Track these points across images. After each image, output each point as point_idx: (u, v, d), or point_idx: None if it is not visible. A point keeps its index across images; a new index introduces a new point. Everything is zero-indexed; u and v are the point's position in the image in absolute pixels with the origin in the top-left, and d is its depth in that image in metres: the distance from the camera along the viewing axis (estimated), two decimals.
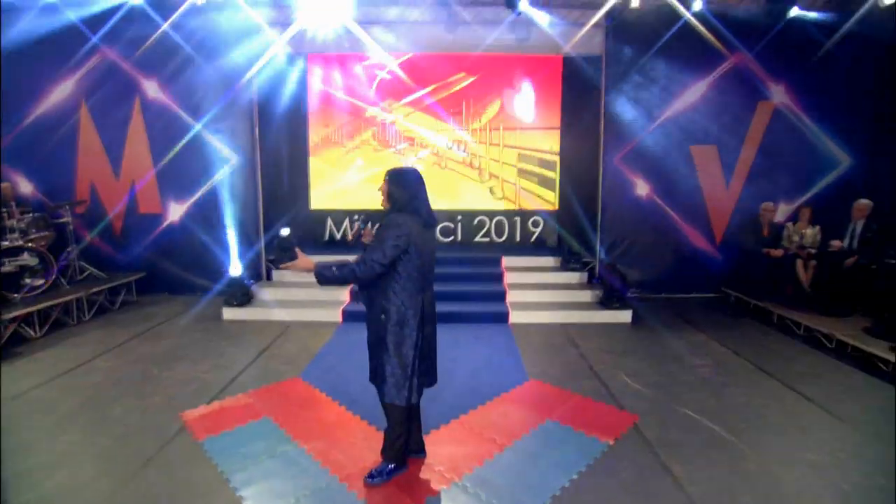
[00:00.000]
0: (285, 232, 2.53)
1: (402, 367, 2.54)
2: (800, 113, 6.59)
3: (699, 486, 2.74)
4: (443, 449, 3.09)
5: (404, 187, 2.55)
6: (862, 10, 5.97)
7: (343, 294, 6.21)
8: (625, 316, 6.00)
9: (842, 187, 6.56)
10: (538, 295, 6.42)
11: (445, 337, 3.57)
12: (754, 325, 5.91)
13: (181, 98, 6.47)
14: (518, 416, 3.59)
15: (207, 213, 6.68)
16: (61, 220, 6.07)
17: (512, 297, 6.31)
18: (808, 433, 3.37)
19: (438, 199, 7.73)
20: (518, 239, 8.01)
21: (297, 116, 7.49)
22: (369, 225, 2.89)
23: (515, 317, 5.95)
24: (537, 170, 7.92)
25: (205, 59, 6.33)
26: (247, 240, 6.71)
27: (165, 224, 6.75)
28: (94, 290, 5.87)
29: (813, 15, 6.27)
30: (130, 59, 6.35)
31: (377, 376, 2.63)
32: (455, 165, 7.89)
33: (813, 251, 6.09)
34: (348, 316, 5.81)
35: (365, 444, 3.16)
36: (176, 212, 6.73)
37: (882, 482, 2.77)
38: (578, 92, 7.41)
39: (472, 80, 7.66)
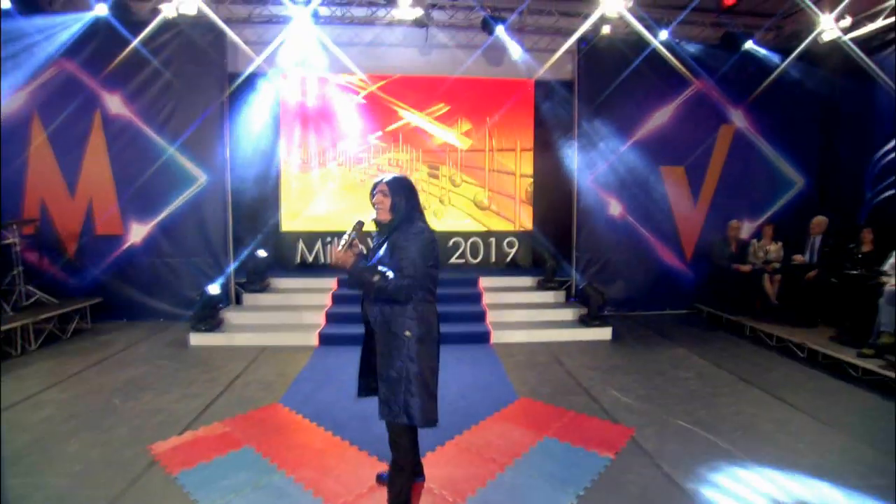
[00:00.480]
0: (354, 226, 2.29)
1: (429, 384, 2.30)
2: (757, 136, 6.99)
3: (706, 496, 2.69)
4: (441, 471, 2.93)
5: (408, 196, 2.34)
6: (802, 46, 6.44)
7: (318, 317, 5.97)
8: (605, 333, 6.02)
9: (799, 205, 6.95)
10: (518, 315, 6.38)
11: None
12: (729, 338, 6.05)
13: (147, 114, 6.21)
14: (514, 434, 3.47)
15: (174, 234, 6.35)
16: (6, 242, 5.59)
17: (492, 317, 6.24)
18: (799, 438, 3.40)
19: None
20: (493, 260, 8.00)
21: (268, 136, 7.31)
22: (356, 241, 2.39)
23: (497, 336, 5.86)
24: (512, 191, 8.01)
25: (174, 74, 6.12)
26: (216, 262, 6.39)
27: (126, 246, 6.35)
28: (42, 316, 5.39)
29: (763, 50, 6.73)
30: (91, 72, 6.04)
31: (395, 399, 2.25)
32: (428, 186, 7.86)
33: (777, 266, 6.36)
34: (324, 339, 5.57)
35: (358, 469, 2.95)
36: (139, 233, 6.36)
37: (879, 482, 2.81)
38: (551, 115, 7.60)
39: (445, 107, 7.73)
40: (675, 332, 6.28)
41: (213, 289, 5.76)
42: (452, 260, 7.92)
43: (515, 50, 6.87)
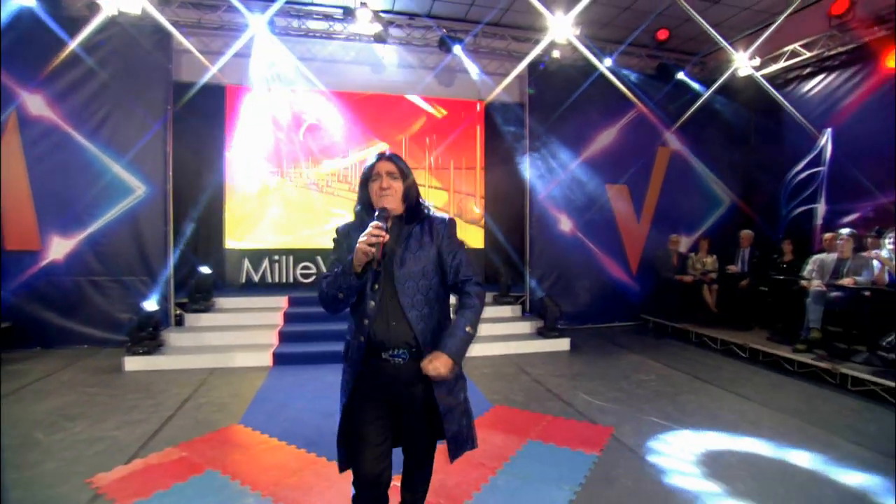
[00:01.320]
0: (380, 216, 1.59)
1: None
2: (690, 158, 7.61)
3: (693, 483, 2.76)
4: (432, 480, 2.77)
5: (413, 177, 1.78)
6: (720, 81, 7.19)
7: (270, 336, 5.60)
8: (563, 344, 6.14)
9: (728, 221, 7.59)
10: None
11: None
12: (677, 344, 6.39)
13: (77, 118, 5.65)
14: (497, 439, 3.38)
15: (104, 249, 5.74)
16: None
17: None
18: (759, 426, 3.61)
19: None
20: None
21: (214, 149, 6.93)
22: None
23: None
24: (464, 209, 8.10)
25: (111, 76, 5.66)
26: (153, 281, 5.84)
27: (45, 263, 5.63)
28: None
29: (692, 81, 7.44)
30: (9, 68, 5.42)
31: (466, 431, 1.76)
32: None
33: (714, 276, 6.87)
34: (280, 359, 5.21)
35: (341, 485, 2.72)
36: (60, 248, 5.67)
37: (820, 447, 3.03)
38: (503, 134, 7.84)
39: (397, 120, 7.75)
40: (628, 342, 6.54)
41: (150, 305, 5.24)
42: None
43: (473, 69, 7.08)
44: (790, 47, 6.54)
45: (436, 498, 2.59)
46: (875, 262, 4.70)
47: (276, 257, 7.16)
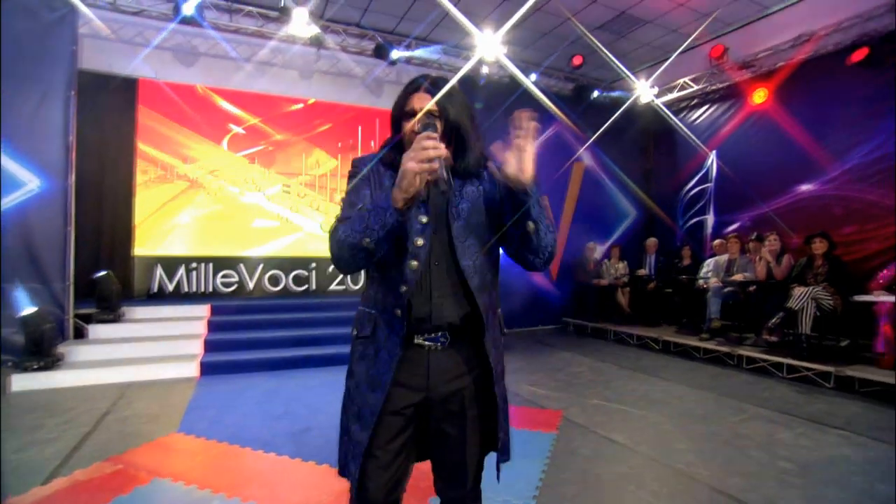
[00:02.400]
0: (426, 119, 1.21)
1: None
2: (601, 173, 8.40)
3: (640, 444, 3.04)
4: None
5: (470, 112, 1.34)
6: (624, 106, 8.11)
7: (194, 346, 5.14)
8: None
9: (635, 230, 8.44)
10: None
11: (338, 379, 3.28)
12: (598, 342, 6.91)
13: None
14: None
15: None
16: None
17: None
18: (684, 400, 4.06)
19: (291, 246, 7.24)
20: (361, 298, 7.90)
21: (124, 147, 6.29)
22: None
23: None
24: None
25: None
26: (47, 289, 5.10)
27: None
28: None
29: (604, 103, 8.28)
30: None
31: (508, 428, 1.36)
32: (309, 210, 7.52)
33: (625, 280, 7.57)
34: (207, 368, 4.79)
35: (312, 479, 2.61)
36: None
37: (745, 416, 3.50)
38: None
39: (325, 127, 7.61)
40: (554, 341, 6.95)
41: (29, 311, 4.51)
42: (332, 287, 7.60)
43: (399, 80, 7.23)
44: (681, 80, 7.56)
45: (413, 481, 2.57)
46: (759, 259, 5.53)
47: (194, 265, 6.60)
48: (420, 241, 1.21)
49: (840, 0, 5.68)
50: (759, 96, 6.50)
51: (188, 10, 5.19)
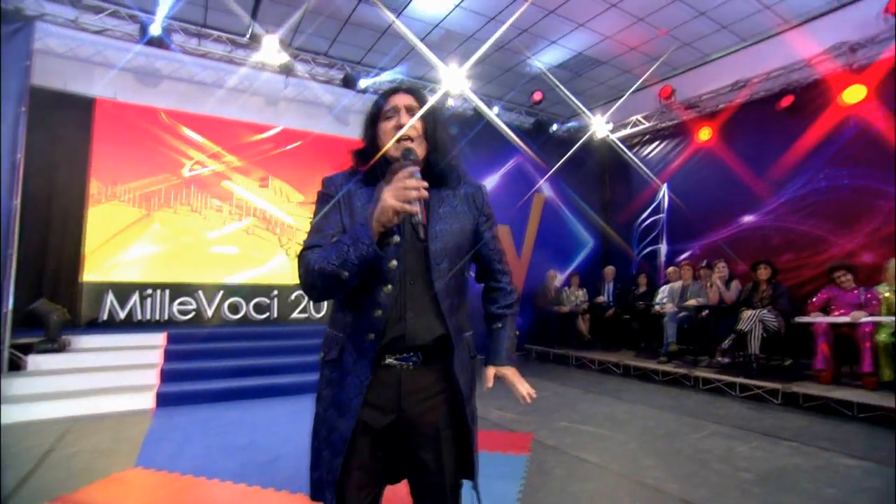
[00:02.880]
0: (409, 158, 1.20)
1: None
2: (561, 204, 8.74)
3: (611, 462, 3.12)
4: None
5: (443, 121, 1.37)
6: (582, 140, 8.57)
7: (149, 377, 4.87)
8: None
9: (593, 259, 8.77)
10: None
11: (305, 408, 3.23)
12: (560, 367, 7.05)
13: None
14: None
15: None
16: None
17: None
18: (647, 420, 4.21)
19: (252, 272, 7.06)
20: (328, 321, 7.78)
21: (76, 168, 6.03)
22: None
23: None
24: None
25: None
26: None
27: None
28: None
29: (564, 132, 8.71)
30: None
31: (470, 453, 1.33)
32: (269, 237, 7.37)
33: (585, 307, 7.82)
34: (165, 399, 4.55)
35: None
36: None
37: (706, 433, 3.67)
38: None
39: (292, 151, 7.58)
40: (518, 368, 7.01)
41: None
42: (295, 314, 7.43)
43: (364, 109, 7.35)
44: (634, 117, 8.09)
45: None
46: (710, 285, 5.87)
47: (149, 291, 6.30)
48: (394, 263, 1.21)
49: (768, 52, 6.33)
50: (705, 134, 7.05)
51: (155, 30, 5.13)
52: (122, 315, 6.15)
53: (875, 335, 4.35)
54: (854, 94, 5.45)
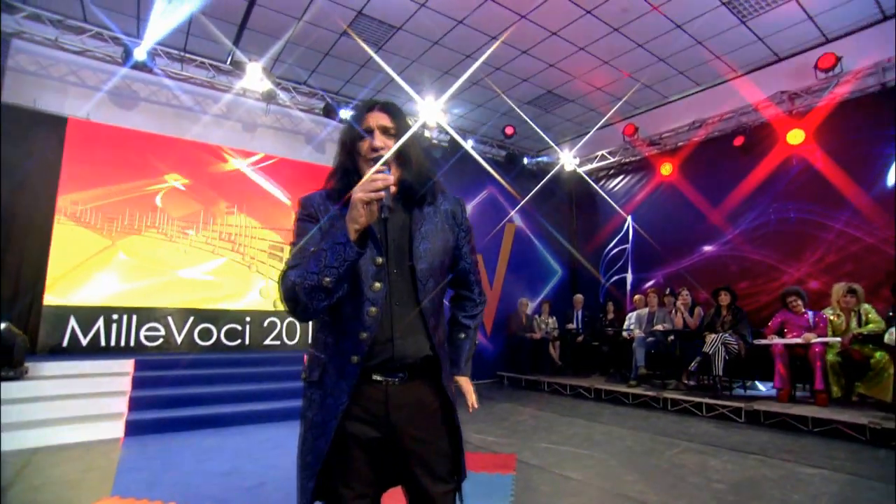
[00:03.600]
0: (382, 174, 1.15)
1: None
2: (531, 234, 9.05)
3: (593, 479, 3.24)
4: None
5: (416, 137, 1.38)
6: (551, 173, 8.99)
7: (117, 404, 4.67)
8: None
9: (562, 287, 9.05)
10: None
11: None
12: (533, 393, 7.16)
13: None
14: None
15: None
16: None
17: None
18: (623, 439, 4.35)
19: (224, 298, 6.94)
20: (310, 341, 7.70)
21: (44, 189, 5.84)
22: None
23: None
24: None
25: None
26: None
27: None
28: None
29: (534, 165, 9.09)
30: None
31: (460, 460, 1.35)
32: (241, 263, 7.28)
33: (556, 334, 8.03)
34: (135, 428, 4.36)
35: None
36: None
37: (679, 449, 3.85)
38: None
39: (265, 178, 7.61)
40: (493, 394, 7.10)
41: None
42: (267, 342, 7.30)
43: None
44: (600, 152, 8.57)
45: None
46: (675, 311, 6.20)
47: (115, 317, 6.07)
48: (378, 286, 1.22)
49: (722, 96, 6.93)
50: (666, 169, 7.55)
51: (140, 54, 5.15)
52: (86, 341, 5.88)
53: (825, 355, 4.71)
54: (796, 136, 6.03)
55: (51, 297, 5.82)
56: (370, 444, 1.25)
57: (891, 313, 4.68)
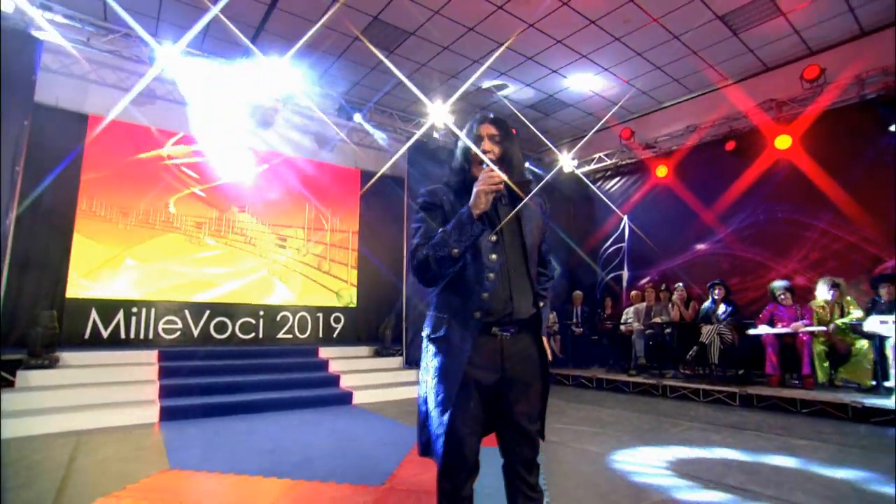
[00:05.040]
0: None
1: None
2: None
3: (609, 451, 3.57)
4: (420, 476, 2.99)
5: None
6: (551, 174, 9.34)
7: (147, 393, 4.85)
8: None
9: (562, 284, 9.39)
10: (370, 378, 6.48)
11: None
12: None
13: None
14: None
15: None
16: None
17: (345, 381, 6.19)
18: (631, 421, 4.70)
19: (242, 293, 7.13)
20: (321, 334, 7.94)
21: (67, 183, 5.98)
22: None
23: (358, 398, 5.86)
24: (337, 269, 8.32)
25: None
26: None
27: None
28: None
29: (536, 169, 9.42)
30: None
31: (546, 403, 1.67)
32: (257, 259, 7.48)
33: (556, 328, 8.37)
34: (170, 413, 4.55)
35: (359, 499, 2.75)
36: None
37: (680, 429, 4.21)
38: (380, 201, 8.54)
39: (272, 175, 7.81)
40: None
41: None
42: (280, 335, 7.50)
43: (379, 136, 7.78)
44: (597, 154, 8.95)
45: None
46: (672, 305, 6.59)
47: (135, 310, 6.23)
48: (494, 257, 1.54)
49: (714, 102, 7.36)
50: (661, 171, 7.95)
51: (169, 56, 5.34)
52: (106, 333, 6.04)
53: (811, 344, 5.13)
54: (783, 142, 6.47)
55: (73, 291, 5.96)
56: (486, 388, 1.54)
57: (869, 304, 5.12)
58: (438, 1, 5.80)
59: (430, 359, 1.60)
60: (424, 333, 1.65)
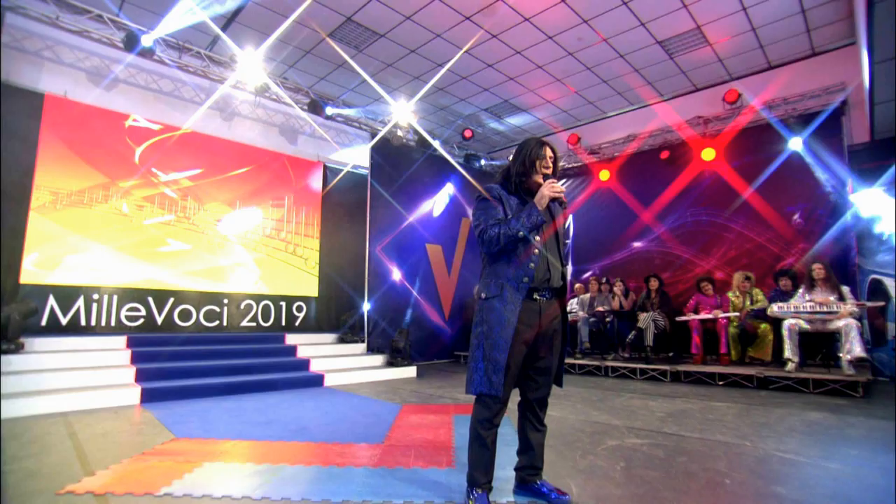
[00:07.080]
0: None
1: None
2: None
3: (570, 415, 4.17)
4: (413, 436, 3.40)
5: None
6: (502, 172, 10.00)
7: (123, 376, 4.89)
8: (412, 371, 7.11)
9: None
10: (338, 363, 6.78)
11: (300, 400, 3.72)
12: None
13: None
14: (431, 417, 4.12)
15: None
16: None
17: (315, 365, 6.45)
18: (581, 394, 5.36)
19: (204, 281, 7.14)
20: (284, 323, 8.08)
21: (19, 165, 5.76)
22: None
23: (329, 380, 6.14)
24: (298, 258, 8.47)
25: None
26: None
27: None
28: None
29: (489, 166, 10.01)
30: None
31: (565, 349, 2.31)
32: (221, 248, 7.49)
33: None
34: (151, 395, 4.64)
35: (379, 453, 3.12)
36: None
37: (630, 402, 4.93)
38: (343, 193, 8.76)
39: (245, 169, 7.84)
40: (453, 369, 7.92)
41: None
42: (244, 323, 7.58)
43: (345, 131, 7.98)
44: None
45: (426, 455, 3.26)
46: (613, 296, 7.41)
47: (96, 296, 6.10)
48: (538, 240, 2.15)
49: (650, 115, 8.29)
50: (604, 175, 8.80)
51: (147, 41, 5.33)
52: (65, 321, 5.89)
53: (728, 327, 6.07)
54: (708, 154, 7.46)
55: (30, 276, 5.76)
56: (527, 341, 2.11)
57: (772, 294, 6.14)
58: (410, 7, 6.19)
59: (486, 314, 2.09)
60: (483, 296, 2.15)
